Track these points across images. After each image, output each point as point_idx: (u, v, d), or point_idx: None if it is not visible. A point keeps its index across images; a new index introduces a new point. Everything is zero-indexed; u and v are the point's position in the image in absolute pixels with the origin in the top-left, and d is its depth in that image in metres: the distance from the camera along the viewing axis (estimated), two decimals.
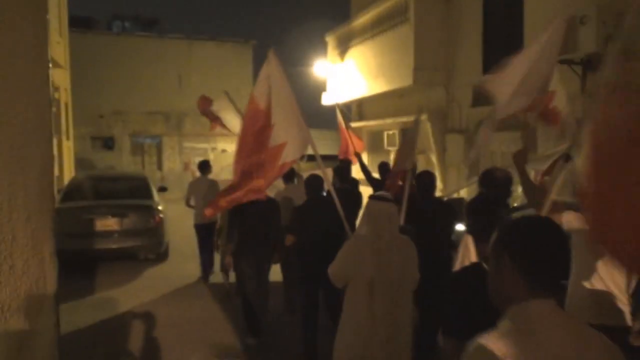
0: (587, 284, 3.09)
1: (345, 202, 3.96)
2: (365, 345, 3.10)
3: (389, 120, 11.88)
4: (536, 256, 1.41)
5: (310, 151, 4.11)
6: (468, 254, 3.33)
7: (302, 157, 4.79)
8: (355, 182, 7.02)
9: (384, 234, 3.16)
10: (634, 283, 3.09)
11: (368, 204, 3.29)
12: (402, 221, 4.16)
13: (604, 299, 3.04)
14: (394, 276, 3.13)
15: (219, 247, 7.33)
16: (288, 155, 3.73)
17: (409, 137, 5.92)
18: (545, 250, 1.41)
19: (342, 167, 6.45)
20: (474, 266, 2.45)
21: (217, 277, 7.72)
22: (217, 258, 7.83)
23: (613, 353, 1.42)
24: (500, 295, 1.47)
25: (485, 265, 2.00)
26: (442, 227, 4.68)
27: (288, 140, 3.64)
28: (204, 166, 8.02)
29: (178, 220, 10.67)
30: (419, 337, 3.77)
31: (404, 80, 10.39)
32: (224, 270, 7.33)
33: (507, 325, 1.40)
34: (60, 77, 14.19)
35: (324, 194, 5.02)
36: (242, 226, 5.33)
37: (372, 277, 3.11)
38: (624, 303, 3.05)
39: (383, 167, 6.69)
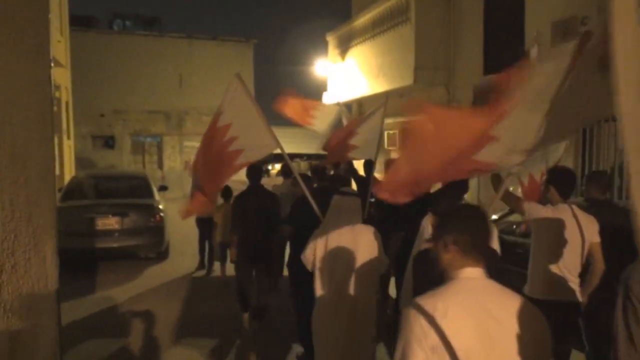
0: (544, 267, 3.56)
1: (325, 200, 4.06)
2: (331, 320, 3.54)
3: (389, 120, 11.87)
4: (470, 237, 1.78)
5: (308, 151, 4.22)
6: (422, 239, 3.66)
7: (302, 157, 4.93)
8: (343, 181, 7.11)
9: (347, 224, 3.59)
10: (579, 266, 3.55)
11: (334, 199, 3.74)
12: None
13: (558, 279, 3.53)
14: (358, 261, 3.54)
15: (217, 242, 7.45)
16: (244, 158, 4.16)
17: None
18: (476, 233, 1.80)
19: (317, 167, 6.64)
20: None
21: (217, 273, 7.76)
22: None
23: (533, 319, 1.68)
24: (441, 265, 1.82)
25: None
26: None
27: (245, 148, 4.08)
28: None
29: (178, 219, 10.66)
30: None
31: (405, 79, 10.39)
32: (220, 261, 7.48)
33: (442, 287, 1.75)
34: (61, 76, 14.21)
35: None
36: (243, 222, 5.37)
37: (334, 262, 3.53)
38: (574, 282, 3.55)
39: (368, 165, 6.76)
